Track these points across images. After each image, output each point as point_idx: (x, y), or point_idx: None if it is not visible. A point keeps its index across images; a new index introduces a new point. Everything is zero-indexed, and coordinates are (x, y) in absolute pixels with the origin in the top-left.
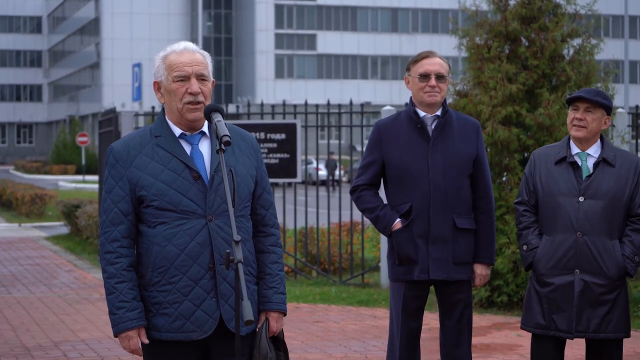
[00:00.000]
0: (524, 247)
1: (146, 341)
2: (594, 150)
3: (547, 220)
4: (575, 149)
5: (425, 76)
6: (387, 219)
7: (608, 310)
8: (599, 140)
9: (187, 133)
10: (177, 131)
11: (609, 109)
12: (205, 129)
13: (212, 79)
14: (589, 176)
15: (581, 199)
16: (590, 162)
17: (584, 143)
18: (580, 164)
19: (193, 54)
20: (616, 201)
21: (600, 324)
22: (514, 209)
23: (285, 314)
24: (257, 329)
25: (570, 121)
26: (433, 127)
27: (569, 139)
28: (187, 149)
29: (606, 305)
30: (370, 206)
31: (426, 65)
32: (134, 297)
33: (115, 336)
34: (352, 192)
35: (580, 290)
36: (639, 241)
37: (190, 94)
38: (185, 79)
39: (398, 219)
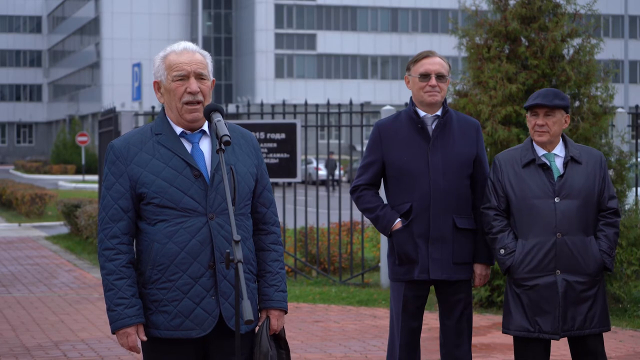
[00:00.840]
0: (502, 251)
1: (144, 338)
2: (559, 150)
3: (523, 223)
4: (541, 151)
5: (425, 76)
6: (387, 219)
7: (590, 306)
8: (561, 139)
9: (187, 132)
10: (178, 130)
11: (567, 108)
12: (205, 127)
13: (212, 78)
14: (561, 176)
15: (557, 199)
16: (559, 162)
17: (548, 145)
18: (549, 164)
19: (193, 54)
20: (589, 198)
21: (584, 321)
22: (482, 214)
23: (286, 312)
24: (258, 327)
25: (531, 127)
26: (433, 127)
27: (532, 141)
28: (188, 147)
29: (588, 301)
30: (370, 206)
31: (427, 65)
32: (133, 294)
33: (113, 333)
34: (352, 192)
35: (563, 291)
36: (613, 235)
37: (190, 93)
38: (184, 78)
39: (398, 219)
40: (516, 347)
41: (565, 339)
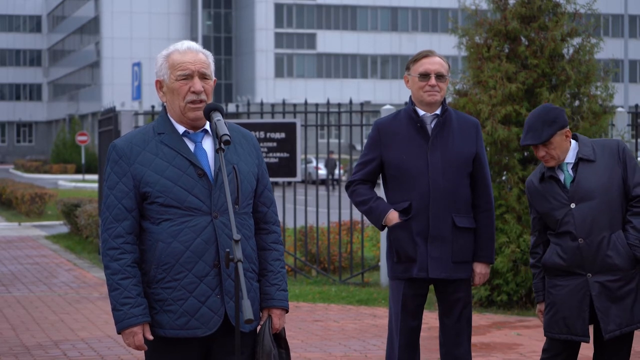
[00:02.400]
0: (531, 260)
1: (151, 337)
2: (571, 157)
3: (554, 231)
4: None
5: (425, 75)
6: (381, 209)
7: (633, 300)
8: (573, 142)
9: (190, 131)
10: (180, 129)
11: (563, 126)
12: (208, 127)
13: (214, 77)
14: (572, 181)
15: (572, 205)
16: (570, 168)
17: (561, 162)
18: (560, 175)
19: (196, 54)
20: (608, 194)
21: (632, 316)
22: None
23: (287, 311)
24: (260, 326)
25: (539, 158)
26: (432, 126)
27: None
28: (191, 146)
29: (629, 296)
30: (363, 198)
31: (426, 65)
32: (139, 294)
33: (119, 332)
34: (347, 187)
35: (597, 293)
36: None
37: (194, 92)
38: (188, 77)
39: (392, 209)
40: (546, 345)
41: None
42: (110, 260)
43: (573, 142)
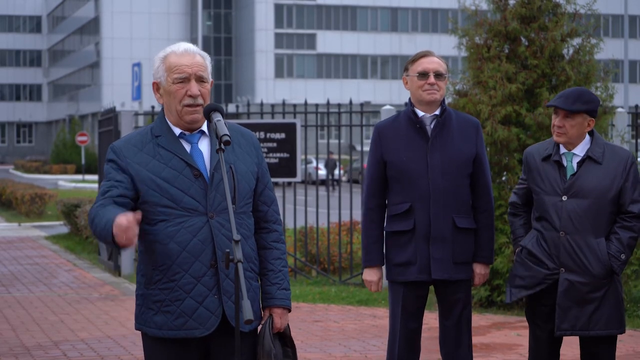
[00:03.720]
0: (512, 236)
1: (139, 216)
2: (580, 150)
3: (540, 216)
4: (562, 148)
5: (424, 74)
6: (366, 258)
7: (596, 307)
8: (587, 137)
9: (186, 132)
10: (177, 131)
11: (591, 112)
12: (204, 127)
13: (210, 79)
14: (573, 175)
15: (564, 197)
16: (575, 161)
17: (569, 145)
18: (565, 164)
19: (193, 56)
20: (602, 199)
21: (589, 322)
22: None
23: (289, 310)
24: (261, 326)
25: (552, 126)
26: (432, 126)
27: None
28: (187, 147)
29: (593, 303)
30: (368, 233)
31: (424, 64)
32: (117, 209)
33: (112, 236)
34: (365, 205)
35: (564, 289)
36: (627, 239)
37: (190, 96)
38: (185, 80)
39: (377, 268)
40: (530, 337)
41: (577, 338)
42: (92, 210)
43: (588, 137)
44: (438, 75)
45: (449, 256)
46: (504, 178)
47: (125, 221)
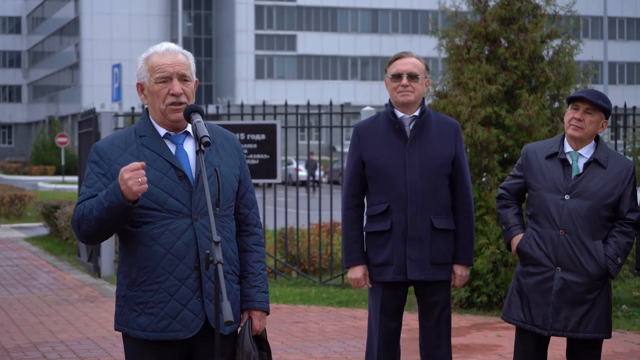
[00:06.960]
0: (503, 227)
1: (143, 163)
2: (586, 151)
3: (535, 213)
4: (568, 147)
5: (397, 76)
6: (347, 259)
7: (587, 309)
8: (593, 141)
9: (171, 133)
10: (162, 131)
11: (608, 113)
12: (189, 129)
13: (195, 79)
14: (578, 175)
15: (567, 197)
16: (581, 162)
17: (578, 143)
18: (570, 162)
19: (175, 55)
20: (603, 203)
21: (579, 323)
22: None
23: (268, 313)
24: (240, 328)
25: (568, 120)
26: (411, 127)
27: (564, 136)
28: (172, 148)
29: (585, 304)
30: (350, 233)
31: (398, 65)
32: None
33: (121, 195)
34: (344, 204)
35: (558, 289)
36: (624, 243)
37: (173, 95)
38: (167, 79)
39: (360, 267)
40: (516, 338)
41: (564, 341)
42: (78, 211)
43: (593, 141)
44: (412, 76)
45: (426, 257)
46: (484, 179)
47: (131, 165)
